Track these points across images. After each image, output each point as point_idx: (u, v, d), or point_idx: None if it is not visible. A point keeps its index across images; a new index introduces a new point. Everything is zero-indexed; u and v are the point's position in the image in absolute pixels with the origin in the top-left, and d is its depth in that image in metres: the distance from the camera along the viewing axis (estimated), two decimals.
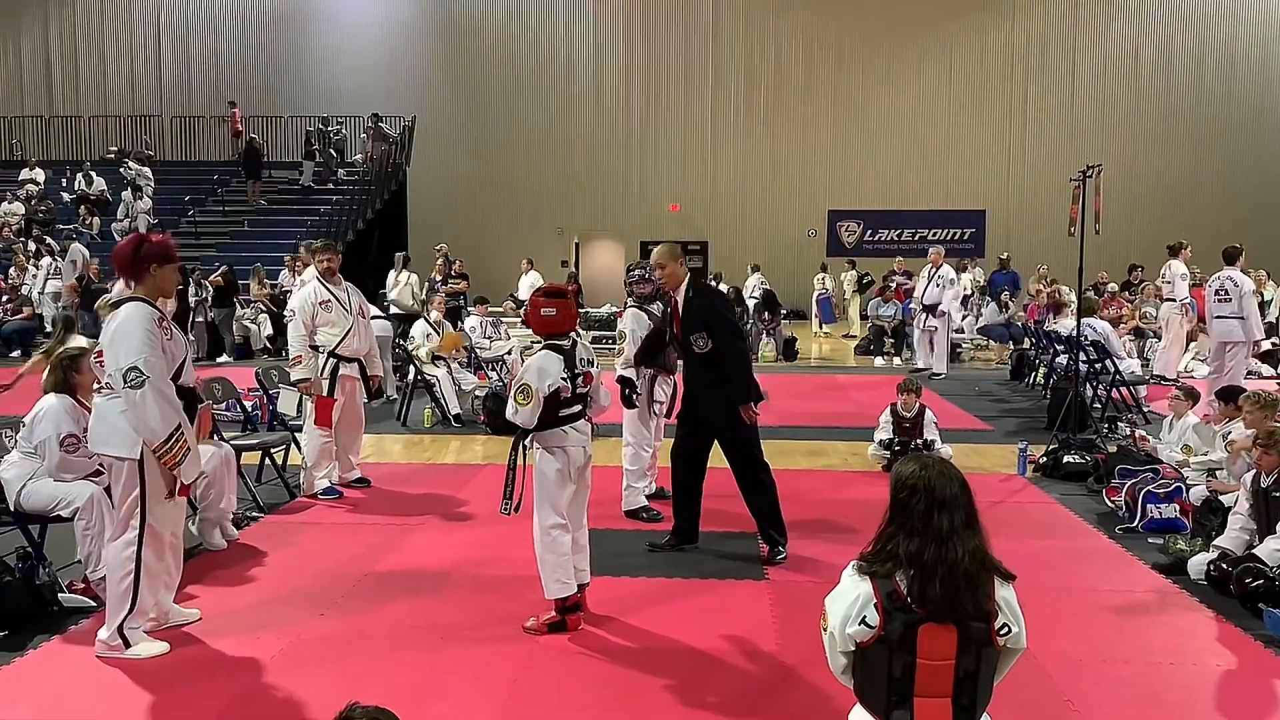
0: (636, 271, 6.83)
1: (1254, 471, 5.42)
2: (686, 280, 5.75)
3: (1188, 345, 14.36)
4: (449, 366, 10.59)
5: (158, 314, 4.36)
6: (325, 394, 7.11)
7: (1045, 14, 24.98)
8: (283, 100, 25.19)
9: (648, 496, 6.72)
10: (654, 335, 6.28)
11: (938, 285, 13.68)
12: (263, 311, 16.51)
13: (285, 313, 8.27)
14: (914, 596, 2.49)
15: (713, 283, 19.27)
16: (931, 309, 13.67)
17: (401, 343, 11.05)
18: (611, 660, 4.41)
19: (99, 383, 4.46)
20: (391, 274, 16.19)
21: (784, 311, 17.98)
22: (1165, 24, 24.83)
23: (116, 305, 4.43)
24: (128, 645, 4.40)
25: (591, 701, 4.02)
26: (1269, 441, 5.31)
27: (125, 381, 4.19)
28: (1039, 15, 24.99)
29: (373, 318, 11.21)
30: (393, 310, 13.39)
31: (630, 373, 6.35)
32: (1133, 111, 24.98)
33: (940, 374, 13.52)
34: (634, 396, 6.25)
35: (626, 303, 6.93)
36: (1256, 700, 4.10)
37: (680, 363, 6.21)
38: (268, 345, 16.28)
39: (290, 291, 14.13)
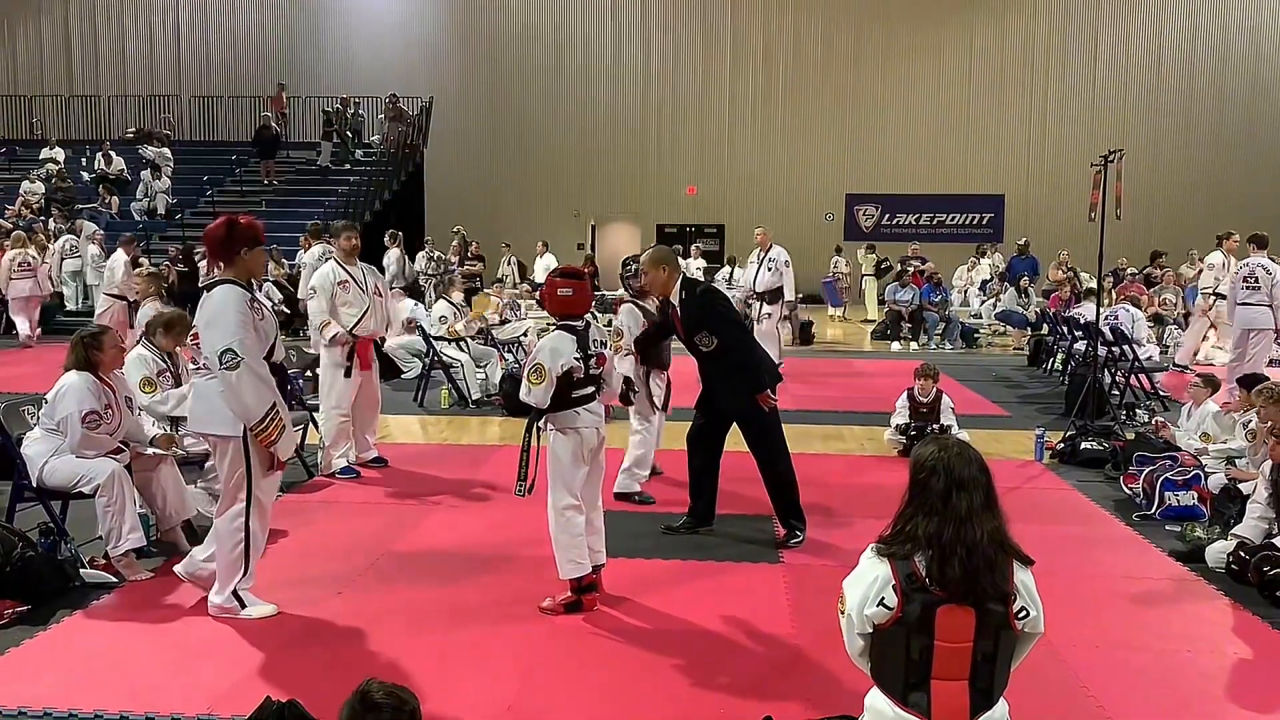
0: (632, 266, 6.81)
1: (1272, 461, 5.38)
2: (679, 283, 5.75)
3: (1206, 334, 14.25)
4: (469, 348, 10.63)
5: (249, 295, 4.49)
6: (344, 375, 7.14)
7: None
8: (301, 80, 25.18)
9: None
10: (652, 332, 6.28)
11: (769, 269, 11.97)
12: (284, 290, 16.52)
13: (303, 293, 8.29)
14: (933, 578, 2.49)
15: (728, 268, 19.25)
16: (764, 296, 12.00)
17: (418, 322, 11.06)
18: (626, 641, 4.43)
19: (195, 363, 4.56)
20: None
21: (800, 295, 17.89)
22: (1188, 8, 24.52)
23: (209, 287, 4.55)
24: (243, 606, 4.57)
25: (607, 681, 4.04)
26: None
27: (221, 363, 4.31)
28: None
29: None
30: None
31: (628, 368, 6.33)
32: (1155, 97, 24.71)
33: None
34: (631, 394, 6.26)
35: (622, 298, 6.91)
36: (1273, 688, 4.09)
37: (671, 358, 6.37)
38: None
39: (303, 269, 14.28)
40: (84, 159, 21.88)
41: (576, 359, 4.60)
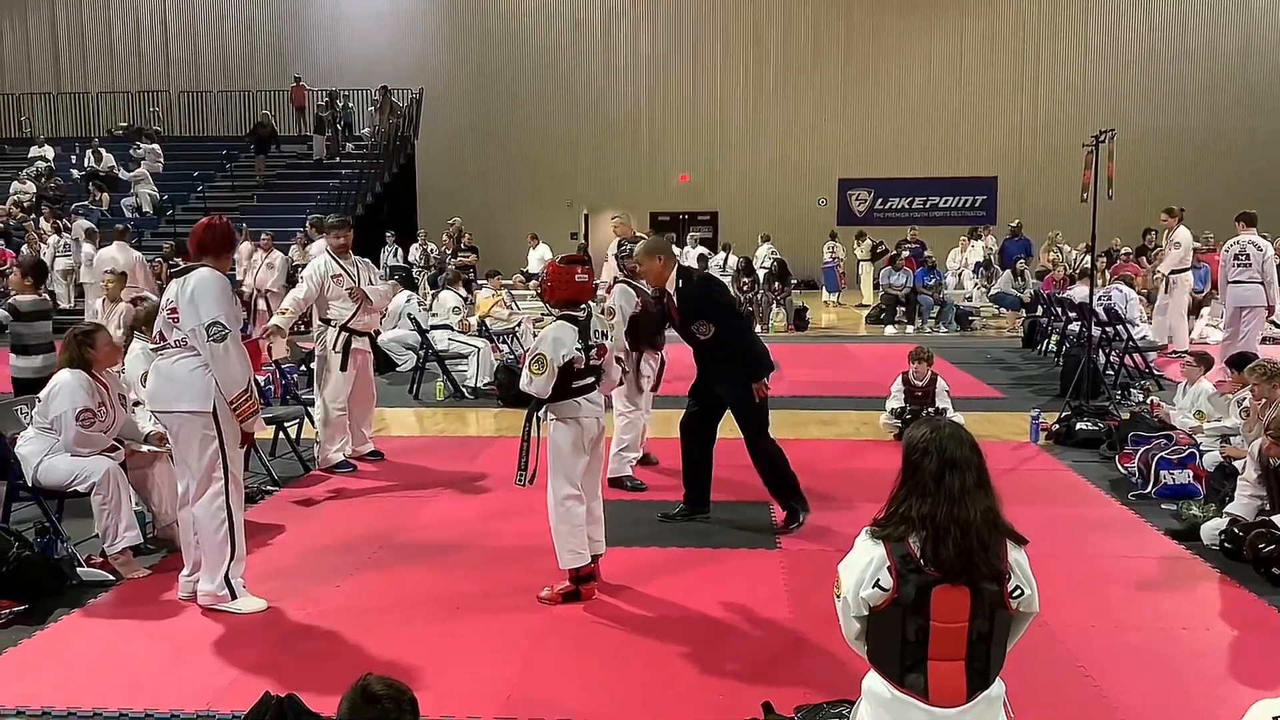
0: (626, 246, 6.83)
1: (1261, 441, 5.38)
2: (674, 271, 5.74)
3: (1199, 311, 14.24)
4: (487, 332, 10.69)
5: (227, 281, 4.61)
6: (340, 368, 7.13)
7: None
8: (291, 73, 25.08)
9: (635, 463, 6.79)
10: (649, 318, 6.27)
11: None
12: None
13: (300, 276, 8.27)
14: (927, 558, 2.49)
15: (722, 254, 19.24)
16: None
17: (414, 316, 11.04)
18: (625, 629, 4.43)
19: (164, 341, 4.53)
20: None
21: (794, 281, 17.90)
22: None
23: (186, 271, 4.58)
24: (234, 595, 4.56)
25: (606, 671, 4.04)
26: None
27: (209, 335, 4.39)
28: None
29: None
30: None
31: (621, 351, 6.33)
32: (1146, 75, 24.69)
33: None
34: (623, 374, 6.29)
35: (615, 278, 6.90)
36: (1271, 666, 4.10)
37: (665, 338, 6.33)
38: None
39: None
40: (74, 156, 21.79)
41: (578, 349, 4.59)
